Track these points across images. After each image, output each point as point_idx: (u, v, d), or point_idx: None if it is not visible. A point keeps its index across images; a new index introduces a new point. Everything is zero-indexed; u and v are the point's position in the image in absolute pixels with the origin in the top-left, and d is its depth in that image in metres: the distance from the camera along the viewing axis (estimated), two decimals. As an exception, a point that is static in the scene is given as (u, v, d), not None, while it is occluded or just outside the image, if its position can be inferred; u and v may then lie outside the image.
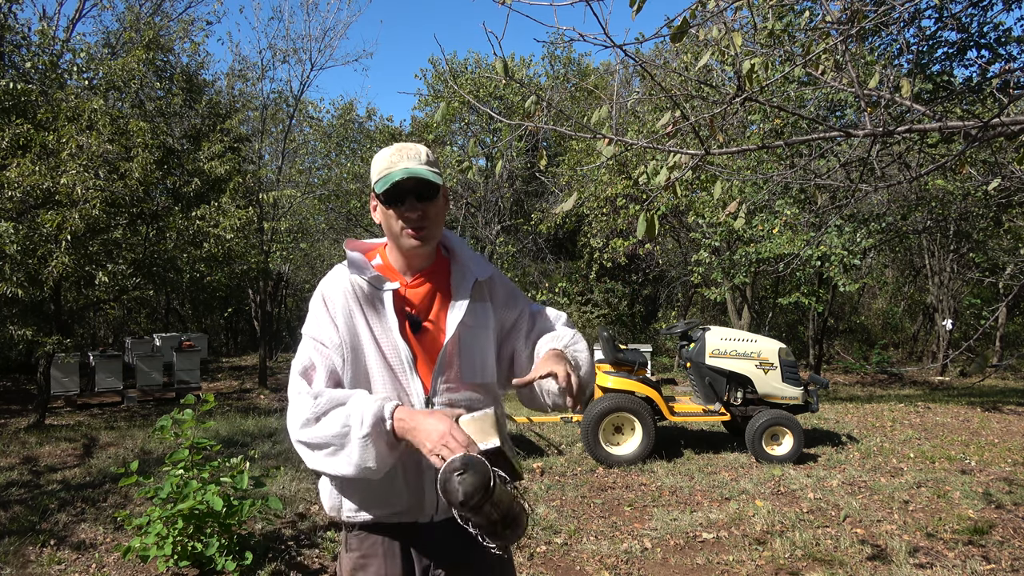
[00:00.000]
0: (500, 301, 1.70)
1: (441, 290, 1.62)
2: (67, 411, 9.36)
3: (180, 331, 16.88)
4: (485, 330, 1.65)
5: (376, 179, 1.55)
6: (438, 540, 1.59)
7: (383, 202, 1.54)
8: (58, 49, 8.51)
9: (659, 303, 18.43)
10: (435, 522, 1.58)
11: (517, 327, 1.72)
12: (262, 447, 6.34)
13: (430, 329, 1.59)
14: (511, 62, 15.83)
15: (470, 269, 1.65)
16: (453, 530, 1.57)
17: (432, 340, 1.58)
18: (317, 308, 1.56)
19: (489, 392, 1.65)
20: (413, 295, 1.60)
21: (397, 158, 1.54)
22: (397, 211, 1.53)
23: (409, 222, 1.53)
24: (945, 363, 14.46)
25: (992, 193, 7.82)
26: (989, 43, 6.78)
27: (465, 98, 12.65)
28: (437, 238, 1.61)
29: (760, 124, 8.97)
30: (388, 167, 1.53)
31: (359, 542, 1.59)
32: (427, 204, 1.54)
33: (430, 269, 1.63)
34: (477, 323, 1.63)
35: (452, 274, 1.65)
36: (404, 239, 1.55)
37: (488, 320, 1.65)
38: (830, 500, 4.87)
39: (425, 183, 1.52)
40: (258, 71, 12.60)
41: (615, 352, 6.18)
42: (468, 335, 1.60)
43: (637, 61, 2.46)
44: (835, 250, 8.78)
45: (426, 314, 1.60)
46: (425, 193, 1.53)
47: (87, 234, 7.26)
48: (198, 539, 3.51)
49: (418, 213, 1.53)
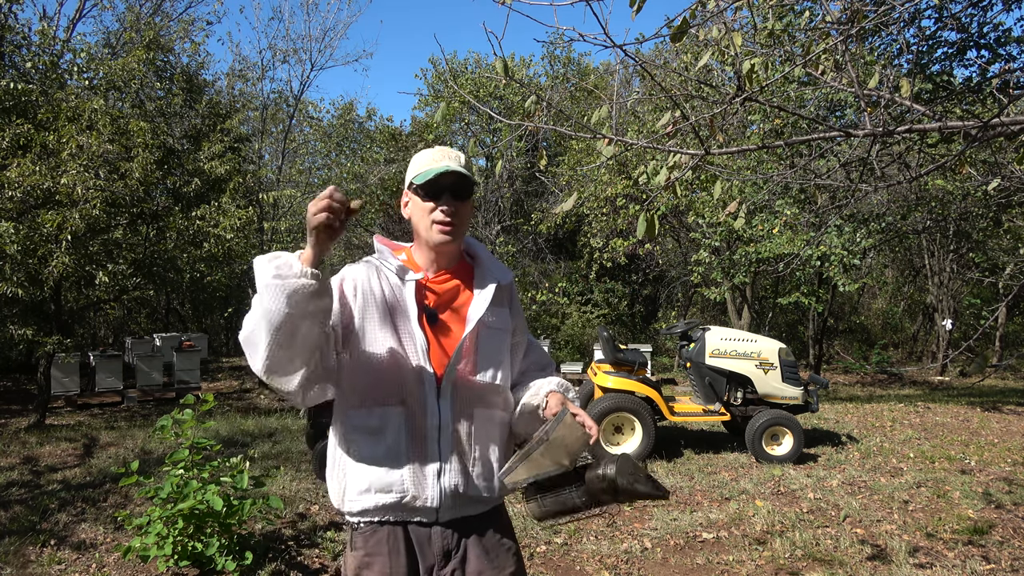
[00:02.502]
0: (515, 309, 1.75)
1: (463, 289, 1.67)
2: (67, 411, 9.36)
3: (180, 331, 16.87)
4: (503, 333, 1.69)
5: (415, 174, 1.62)
6: (443, 540, 1.59)
7: (421, 195, 1.60)
8: (58, 49, 8.52)
9: (659, 303, 18.44)
10: (440, 521, 1.58)
11: (517, 344, 1.76)
12: (262, 447, 6.34)
13: (448, 323, 1.63)
14: (511, 62, 15.82)
15: (492, 273, 1.70)
16: (458, 531, 1.60)
17: (448, 334, 1.62)
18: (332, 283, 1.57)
19: (500, 395, 1.67)
20: (435, 289, 1.65)
21: (439, 156, 1.62)
22: (433, 205, 1.59)
23: (442, 216, 1.58)
24: (945, 363, 14.46)
25: (992, 193, 7.81)
26: (989, 43, 6.78)
27: (465, 98, 12.65)
28: (463, 237, 1.67)
29: (760, 124, 8.97)
30: (430, 164, 1.61)
31: (364, 540, 1.59)
32: (460, 203, 1.61)
33: (453, 269, 1.68)
34: (497, 324, 1.67)
35: (475, 276, 1.70)
36: (434, 234, 1.59)
37: (506, 324, 1.70)
38: (830, 500, 4.87)
39: (462, 182, 1.60)
40: (258, 71, 12.64)
41: (615, 352, 6.18)
42: (486, 334, 1.64)
43: (637, 61, 2.46)
44: (835, 250, 8.79)
45: (444, 309, 1.64)
46: (461, 192, 1.60)
47: (87, 234, 7.26)
48: (198, 539, 3.51)
49: (452, 209, 1.59)
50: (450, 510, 1.58)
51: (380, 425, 1.56)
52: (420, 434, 1.56)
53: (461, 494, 1.57)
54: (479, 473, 1.60)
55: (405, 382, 1.56)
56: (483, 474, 1.61)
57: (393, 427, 1.55)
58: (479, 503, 1.63)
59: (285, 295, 1.34)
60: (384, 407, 1.56)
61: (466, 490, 1.58)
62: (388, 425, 1.55)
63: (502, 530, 1.68)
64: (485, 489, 1.61)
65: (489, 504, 1.66)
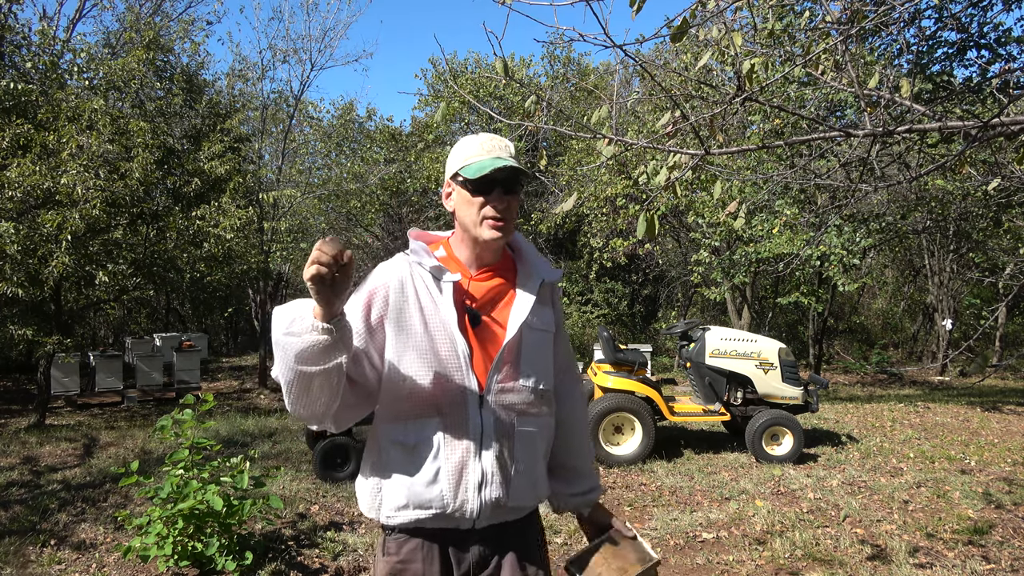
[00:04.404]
0: (557, 308, 1.66)
1: (506, 287, 1.57)
2: (67, 411, 9.36)
3: (180, 331, 16.88)
4: (547, 334, 1.60)
5: (462, 164, 1.51)
6: (479, 547, 1.53)
7: (469, 189, 1.50)
8: (58, 49, 8.51)
9: (659, 303, 18.44)
10: (476, 528, 1.51)
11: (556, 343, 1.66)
12: (262, 447, 6.34)
13: (491, 325, 1.53)
14: (511, 62, 15.83)
15: (537, 269, 1.60)
16: (494, 537, 1.53)
17: (492, 336, 1.52)
18: (359, 292, 1.51)
19: (544, 400, 1.57)
20: (476, 289, 1.55)
21: (489, 147, 1.51)
22: (483, 200, 1.49)
23: (494, 213, 1.49)
24: (945, 363, 14.46)
25: (992, 193, 7.82)
26: (989, 43, 6.78)
27: (465, 98, 12.65)
28: (513, 232, 1.57)
29: (760, 124, 8.97)
30: (478, 155, 1.50)
31: (398, 546, 1.52)
32: (511, 197, 1.51)
33: (496, 265, 1.58)
34: (540, 325, 1.57)
35: (519, 272, 1.60)
36: (484, 230, 1.49)
37: (550, 324, 1.61)
38: (830, 500, 4.87)
39: (514, 177, 1.50)
40: (258, 71, 12.61)
41: (615, 352, 6.18)
42: (531, 336, 1.55)
43: (637, 61, 2.46)
44: (835, 250, 8.79)
45: (488, 309, 1.54)
46: (512, 187, 1.51)
47: (87, 234, 7.26)
48: (198, 539, 3.51)
49: (504, 204, 1.49)
50: (488, 519, 1.51)
51: (418, 439, 1.47)
52: (460, 446, 1.46)
53: (502, 506, 1.49)
54: (521, 484, 1.52)
55: (444, 392, 1.46)
56: (525, 484, 1.52)
57: (431, 440, 1.46)
58: (518, 511, 1.56)
59: (294, 353, 1.29)
60: (421, 420, 1.47)
61: (507, 501, 1.49)
62: (426, 439, 1.46)
63: (536, 536, 1.63)
64: (526, 499, 1.54)
65: (526, 511, 1.59)
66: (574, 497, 1.68)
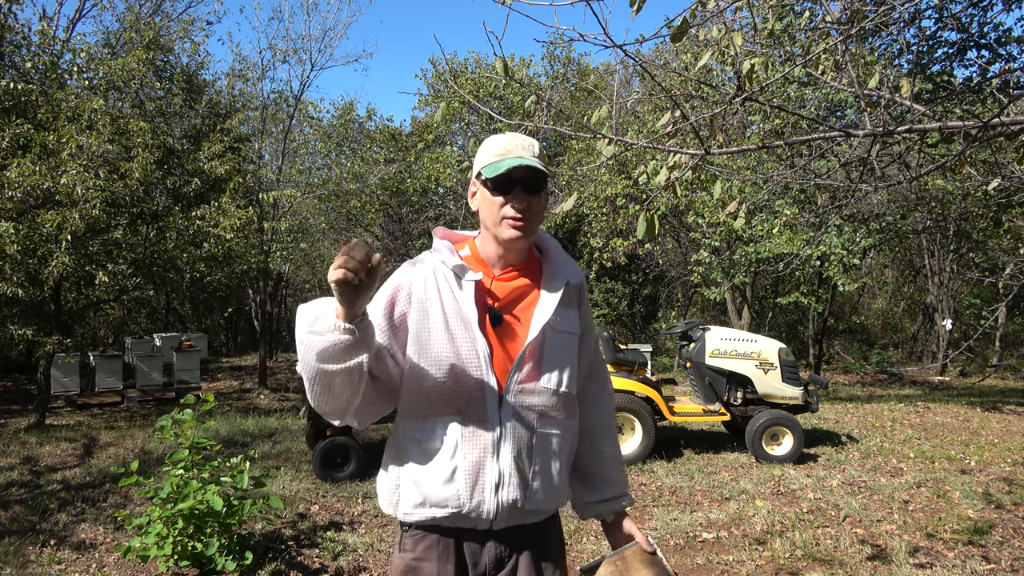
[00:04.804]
0: (584, 311, 1.65)
1: (530, 287, 1.56)
2: (67, 411, 9.36)
3: (180, 331, 16.88)
4: (571, 337, 1.58)
5: (485, 164, 1.52)
6: (495, 547, 1.52)
7: (490, 188, 1.50)
8: (58, 49, 8.51)
9: (659, 303, 18.45)
10: (494, 529, 1.51)
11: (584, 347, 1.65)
12: (262, 447, 6.34)
13: (513, 325, 1.52)
14: (511, 62, 15.82)
15: (563, 270, 1.59)
16: (512, 539, 1.53)
17: (513, 336, 1.51)
18: (383, 289, 1.51)
19: (566, 403, 1.56)
20: (499, 288, 1.54)
21: (512, 146, 1.51)
22: (503, 199, 1.49)
23: (513, 212, 1.49)
24: (945, 363, 14.46)
25: (992, 193, 7.82)
26: (989, 43, 6.79)
27: (465, 98, 12.65)
28: (536, 233, 1.57)
29: (760, 124, 8.97)
30: (501, 154, 1.50)
31: (414, 543, 1.53)
32: (533, 197, 1.50)
33: (521, 265, 1.57)
34: (564, 327, 1.56)
35: (543, 273, 1.59)
36: (504, 229, 1.50)
37: (575, 327, 1.59)
38: (830, 500, 4.87)
39: (535, 176, 1.50)
40: (258, 71, 12.62)
41: (615, 352, 6.18)
42: (553, 337, 1.54)
43: (637, 61, 2.46)
44: (835, 250, 8.79)
45: (510, 309, 1.54)
46: (533, 186, 1.50)
47: (87, 234, 7.26)
48: (198, 539, 3.51)
49: (524, 204, 1.49)
50: (505, 521, 1.50)
51: (436, 437, 1.47)
52: (479, 446, 1.46)
53: (519, 508, 1.49)
54: (539, 486, 1.50)
55: (464, 391, 1.46)
56: (543, 487, 1.51)
57: (450, 439, 1.46)
58: (536, 514, 1.55)
59: (316, 351, 1.31)
60: (440, 418, 1.47)
61: (524, 504, 1.49)
62: (445, 437, 1.47)
63: (555, 540, 1.63)
64: (544, 502, 1.53)
65: (545, 515, 1.58)
66: (597, 504, 1.67)
